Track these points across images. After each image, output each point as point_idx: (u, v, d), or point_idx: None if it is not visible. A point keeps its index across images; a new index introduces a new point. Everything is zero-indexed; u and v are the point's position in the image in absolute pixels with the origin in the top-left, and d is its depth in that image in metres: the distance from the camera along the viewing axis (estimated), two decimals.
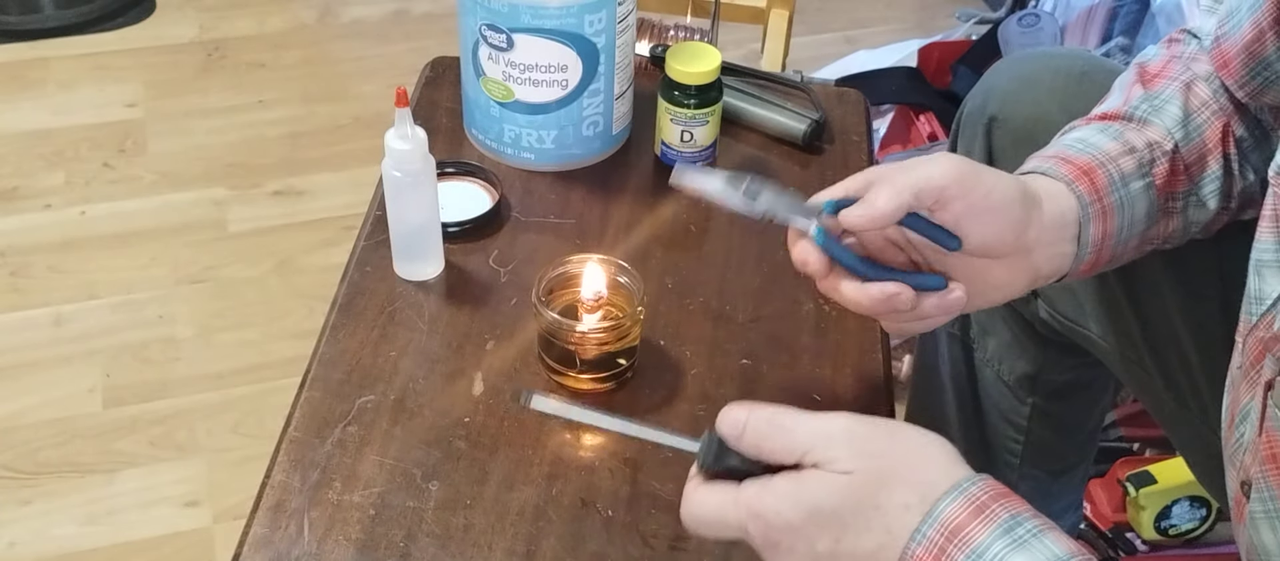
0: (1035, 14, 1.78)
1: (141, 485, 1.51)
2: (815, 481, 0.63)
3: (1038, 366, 1.11)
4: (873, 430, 0.64)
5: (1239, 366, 0.74)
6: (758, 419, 0.65)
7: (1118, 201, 0.79)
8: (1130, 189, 0.80)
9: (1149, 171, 0.80)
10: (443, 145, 1.11)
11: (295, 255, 1.83)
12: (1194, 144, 0.82)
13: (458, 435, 0.85)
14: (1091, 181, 0.78)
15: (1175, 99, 0.83)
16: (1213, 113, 0.83)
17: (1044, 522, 0.61)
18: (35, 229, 1.86)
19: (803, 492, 0.63)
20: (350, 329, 0.93)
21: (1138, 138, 0.81)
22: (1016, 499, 0.62)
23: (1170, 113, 0.82)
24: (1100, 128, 0.82)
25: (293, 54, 2.26)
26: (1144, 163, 0.80)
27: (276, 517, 0.79)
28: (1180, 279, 0.92)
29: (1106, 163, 0.79)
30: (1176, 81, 0.84)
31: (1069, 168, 0.79)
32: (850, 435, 0.64)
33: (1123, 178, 0.79)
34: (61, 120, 2.08)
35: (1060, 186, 0.78)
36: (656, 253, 1.01)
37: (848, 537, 0.62)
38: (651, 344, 0.92)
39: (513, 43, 1.00)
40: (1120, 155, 0.80)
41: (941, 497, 0.61)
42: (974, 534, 0.60)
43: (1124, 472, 1.38)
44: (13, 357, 1.66)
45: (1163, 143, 0.81)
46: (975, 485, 0.62)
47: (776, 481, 0.64)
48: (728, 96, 1.10)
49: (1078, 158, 0.79)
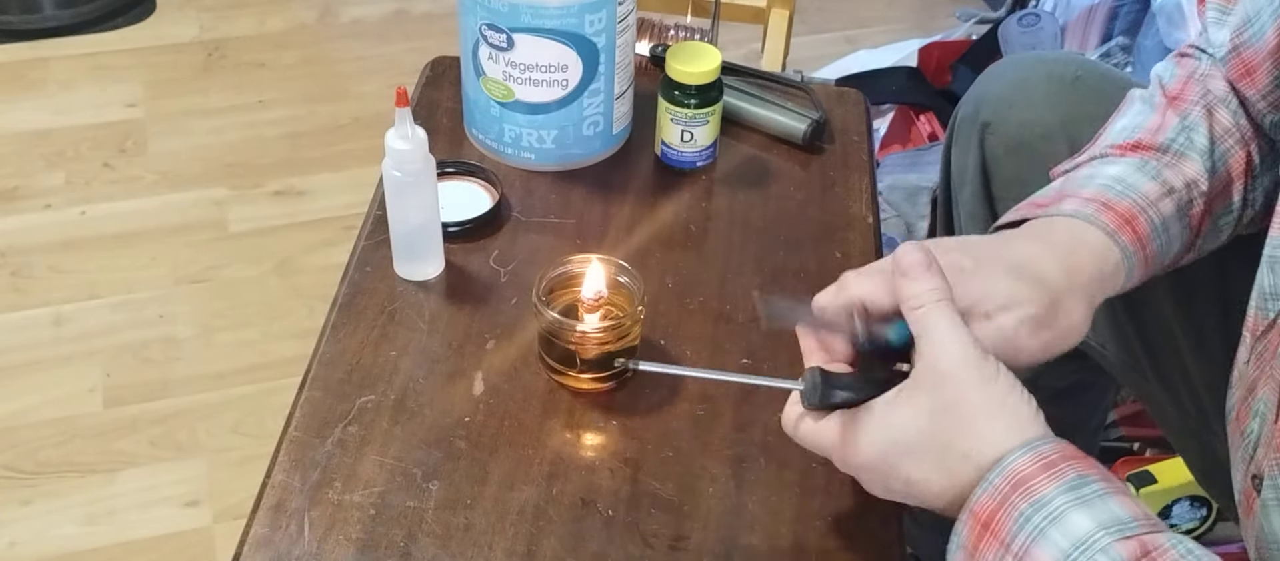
0: (1035, 14, 1.78)
1: (142, 485, 1.51)
2: (900, 413, 0.66)
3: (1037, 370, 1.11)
4: (981, 360, 0.65)
5: (1247, 362, 0.74)
6: (931, 284, 0.68)
7: (1159, 248, 0.79)
8: (1170, 233, 0.79)
9: (1186, 212, 0.80)
10: (443, 145, 1.11)
11: (295, 255, 1.83)
12: (1219, 175, 0.81)
13: (458, 435, 0.85)
14: (1135, 231, 0.77)
15: (1200, 126, 0.82)
16: (1235, 141, 0.82)
17: (1113, 485, 0.61)
18: (35, 229, 1.86)
19: (886, 428, 0.66)
20: (350, 329, 0.93)
21: (1175, 176, 0.80)
22: (1089, 462, 0.62)
23: (1199, 144, 0.81)
24: (1139, 165, 0.80)
25: (293, 54, 2.26)
26: (1182, 205, 0.80)
27: (277, 517, 0.79)
28: (1178, 285, 0.92)
29: (1148, 209, 0.78)
30: (1199, 106, 0.82)
31: (1111, 216, 0.77)
32: (962, 357, 0.65)
33: (1164, 223, 0.79)
34: (61, 120, 2.08)
35: (1105, 240, 0.76)
36: (656, 253, 1.01)
37: (918, 476, 0.66)
38: (651, 344, 0.92)
39: (513, 42, 1.00)
40: (1160, 198, 0.79)
41: (1013, 451, 0.62)
42: (1039, 486, 0.61)
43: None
44: (13, 357, 1.66)
45: (1199, 182, 0.80)
46: (1048, 445, 0.63)
47: (867, 413, 0.67)
48: (728, 96, 1.10)
49: (1119, 204, 0.78)
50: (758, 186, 1.09)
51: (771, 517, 0.81)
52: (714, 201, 1.08)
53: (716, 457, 0.85)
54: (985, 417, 0.64)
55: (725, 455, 0.85)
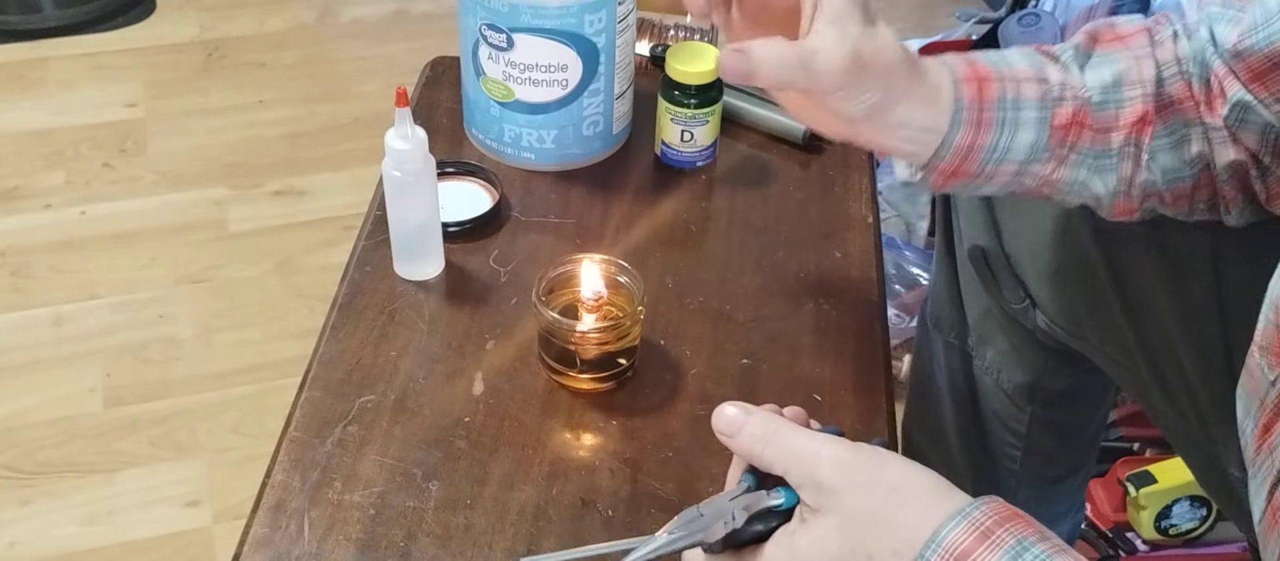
0: (1035, 13, 1.78)
1: (141, 485, 1.51)
2: (805, 539, 0.63)
3: (1037, 374, 1.10)
4: (857, 456, 0.63)
5: (1272, 384, 0.71)
6: (755, 421, 0.65)
7: (1000, 117, 0.75)
8: (1020, 113, 0.76)
9: (1051, 108, 0.76)
10: (443, 145, 1.11)
11: (295, 255, 1.83)
12: (1108, 112, 0.78)
13: (458, 435, 0.85)
14: (980, 89, 0.75)
15: (1114, 64, 0.78)
16: (1140, 96, 0.78)
17: (1053, 544, 0.59)
18: (35, 229, 1.86)
19: (794, 554, 0.63)
20: (350, 329, 0.93)
21: (1054, 73, 0.77)
22: (1024, 520, 0.60)
23: (1099, 74, 0.78)
24: (1027, 53, 0.78)
25: (293, 54, 2.26)
26: (1048, 97, 0.76)
27: (277, 517, 0.79)
28: (1177, 289, 0.92)
29: (1007, 79, 0.76)
30: (1130, 54, 0.79)
31: (966, 69, 0.75)
32: (839, 462, 0.62)
33: (1016, 101, 0.76)
34: (61, 120, 2.08)
35: (946, 81, 0.74)
36: (656, 253, 1.01)
37: None
38: (651, 344, 0.92)
39: (513, 42, 1.00)
40: (1026, 80, 0.76)
41: (945, 523, 0.60)
42: (980, 559, 0.58)
43: (1124, 472, 1.38)
44: (13, 357, 1.66)
45: (1077, 91, 0.77)
46: (979, 509, 0.60)
47: (767, 549, 0.64)
48: (728, 96, 1.10)
49: (981, 64, 0.76)
50: (757, 186, 1.09)
51: None
52: (714, 201, 1.08)
53: (716, 457, 0.84)
54: (897, 507, 0.61)
55: (725, 455, 0.84)
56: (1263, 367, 0.72)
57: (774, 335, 0.94)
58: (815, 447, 0.63)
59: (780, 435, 0.64)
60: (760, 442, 0.65)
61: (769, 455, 0.65)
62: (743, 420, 0.66)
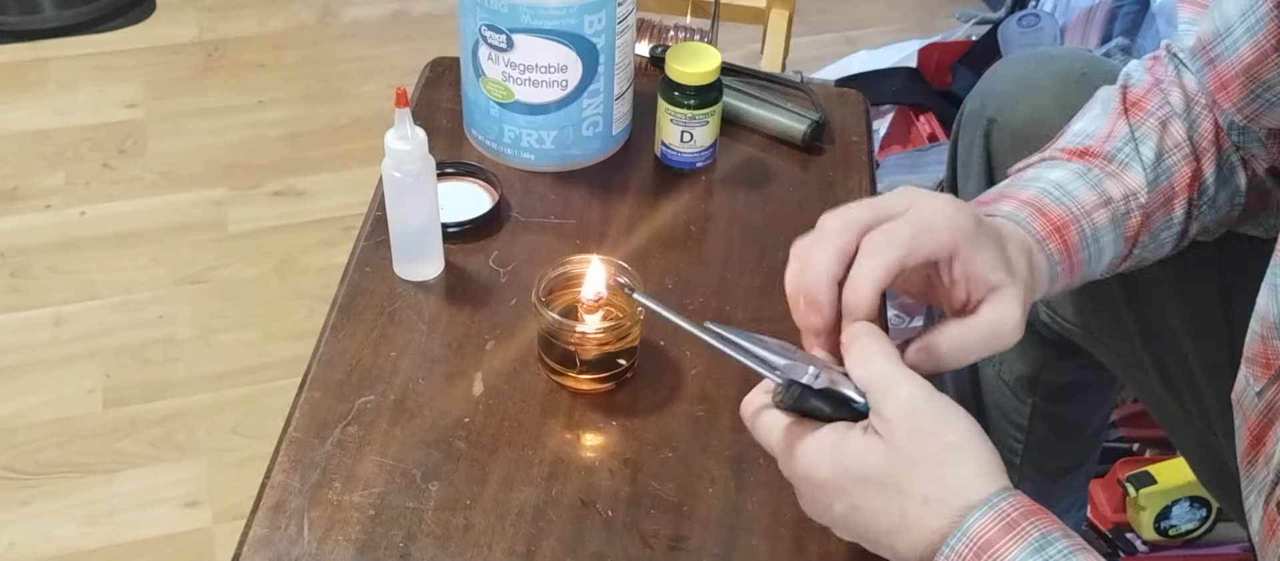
0: (1035, 14, 1.78)
1: (141, 485, 1.51)
2: (855, 443, 0.65)
3: (1038, 367, 1.11)
4: (930, 406, 0.64)
5: (1258, 394, 0.72)
6: (861, 329, 0.68)
7: (1086, 257, 0.78)
8: (1101, 243, 0.79)
9: (1122, 223, 0.79)
10: (443, 145, 1.11)
11: (295, 255, 1.84)
12: (1161, 189, 0.81)
13: (458, 435, 0.85)
14: (1063, 239, 0.77)
15: (1150, 139, 0.81)
16: (1183, 157, 0.81)
17: (1076, 543, 0.60)
18: (35, 229, 1.86)
19: (838, 452, 0.65)
20: (350, 329, 0.93)
21: (1115, 187, 0.79)
22: (1048, 516, 0.62)
23: (1146, 156, 0.81)
24: (1081, 171, 0.80)
25: (293, 54, 2.26)
26: (1118, 216, 0.79)
27: (276, 518, 0.79)
28: (1180, 284, 0.92)
29: (1081, 218, 0.78)
30: (1154, 118, 0.82)
31: (1042, 223, 0.77)
32: (910, 404, 0.64)
33: (1095, 234, 0.78)
34: (61, 120, 2.08)
35: (1030, 243, 0.76)
36: (656, 253, 1.01)
37: (866, 509, 0.64)
38: (651, 344, 0.92)
39: (512, 43, 1.00)
40: (1095, 208, 0.78)
41: (972, 511, 0.61)
42: (1004, 550, 0.60)
43: (1124, 472, 1.38)
44: (13, 358, 1.66)
45: (1139, 194, 0.80)
46: (1006, 500, 0.61)
47: (822, 432, 0.66)
48: (728, 97, 1.10)
49: (1053, 211, 0.77)
50: (757, 187, 1.09)
51: (771, 518, 0.81)
52: (714, 202, 1.08)
53: (716, 458, 0.85)
54: (945, 464, 0.63)
55: (725, 455, 0.85)
56: (1247, 379, 0.73)
57: (774, 335, 0.94)
58: (894, 381, 0.65)
59: (871, 354, 0.67)
60: (852, 355, 0.68)
61: (856, 368, 0.67)
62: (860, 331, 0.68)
